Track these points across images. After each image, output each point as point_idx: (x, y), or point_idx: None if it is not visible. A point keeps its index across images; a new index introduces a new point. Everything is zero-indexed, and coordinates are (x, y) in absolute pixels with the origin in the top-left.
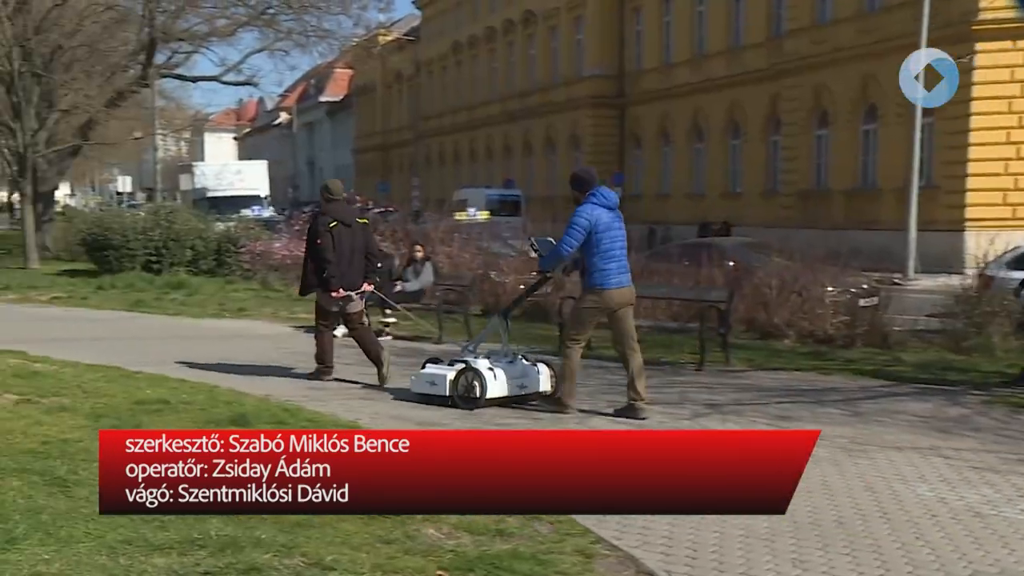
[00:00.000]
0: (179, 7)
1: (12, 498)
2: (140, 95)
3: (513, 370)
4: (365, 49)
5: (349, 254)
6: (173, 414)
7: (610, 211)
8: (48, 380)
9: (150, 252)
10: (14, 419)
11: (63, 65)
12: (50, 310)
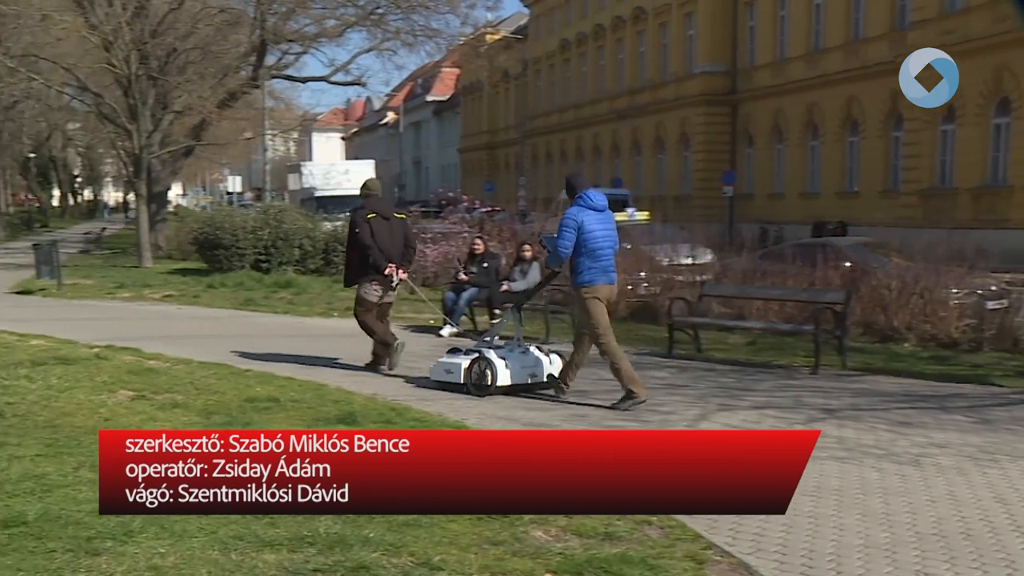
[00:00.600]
0: (290, 9)
1: None
2: (250, 96)
3: (525, 360)
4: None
5: (387, 243)
6: (282, 412)
7: (597, 212)
8: (161, 377)
9: (259, 251)
10: (129, 415)
11: (177, 68)
12: (163, 308)
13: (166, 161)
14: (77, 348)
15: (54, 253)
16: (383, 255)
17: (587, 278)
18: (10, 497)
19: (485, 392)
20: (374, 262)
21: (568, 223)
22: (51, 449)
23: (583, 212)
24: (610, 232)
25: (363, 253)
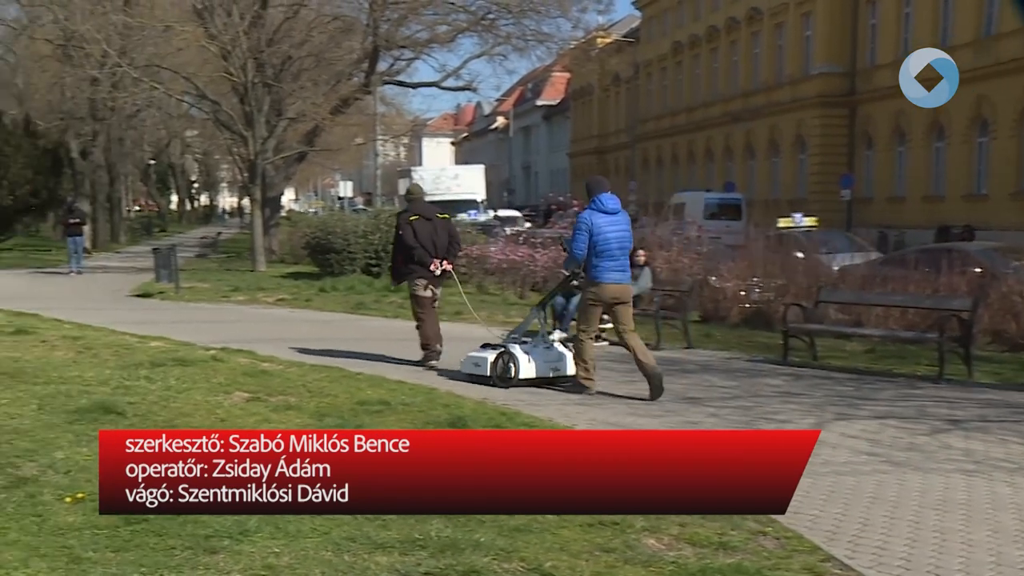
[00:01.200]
0: (402, 16)
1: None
2: (362, 102)
3: (548, 355)
4: (583, 52)
5: (430, 242)
6: (393, 415)
7: (608, 215)
8: (275, 379)
9: (370, 255)
10: (245, 416)
11: (291, 75)
12: (276, 311)
13: (280, 167)
14: (194, 350)
15: (172, 257)
16: (426, 252)
17: (595, 275)
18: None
19: (508, 384)
20: (419, 259)
21: (580, 225)
22: None
23: (595, 215)
24: (622, 233)
25: (408, 253)
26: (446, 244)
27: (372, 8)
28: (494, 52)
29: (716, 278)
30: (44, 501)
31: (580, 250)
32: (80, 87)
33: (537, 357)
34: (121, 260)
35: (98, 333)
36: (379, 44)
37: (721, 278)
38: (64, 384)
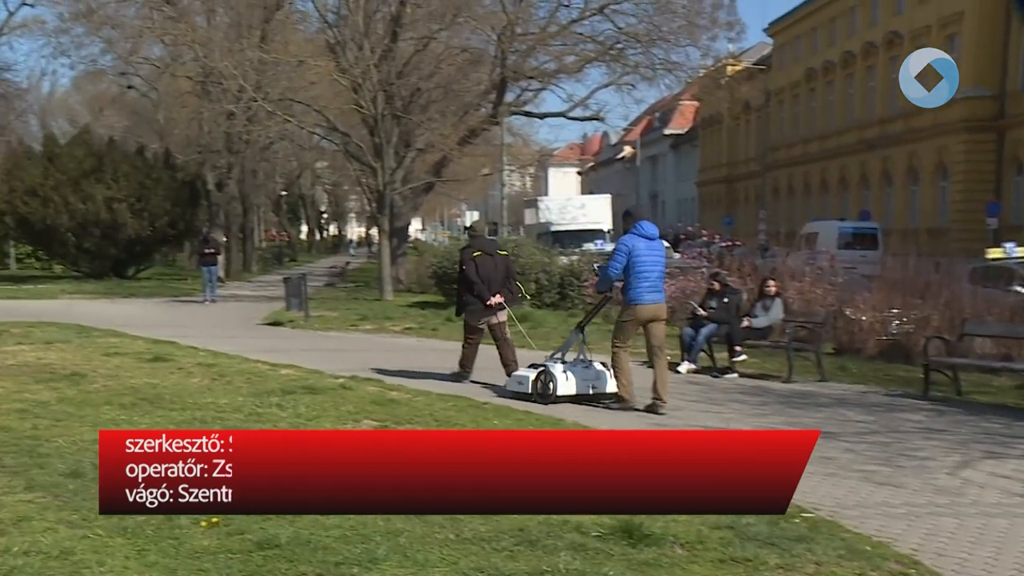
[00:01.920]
0: (530, 47)
1: (373, 520)
2: (490, 132)
3: (586, 374)
4: (713, 80)
5: (491, 276)
6: None
7: (648, 240)
8: (402, 408)
9: None
10: None
11: (420, 107)
12: (403, 340)
13: (407, 197)
14: (323, 378)
15: (302, 286)
16: (486, 287)
17: (632, 296)
18: (264, 520)
19: (547, 400)
20: (478, 293)
21: (620, 248)
22: None
23: (635, 239)
24: (658, 258)
25: (470, 287)
26: (502, 279)
27: (500, 40)
28: (622, 82)
29: (851, 309)
30: (180, 525)
31: (615, 271)
32: (217, 121)
33: (576, 375)
34: (253, 289)
35: (231, 361)
36: (507, 75)
37: (857, 309)
38: (199, 410)
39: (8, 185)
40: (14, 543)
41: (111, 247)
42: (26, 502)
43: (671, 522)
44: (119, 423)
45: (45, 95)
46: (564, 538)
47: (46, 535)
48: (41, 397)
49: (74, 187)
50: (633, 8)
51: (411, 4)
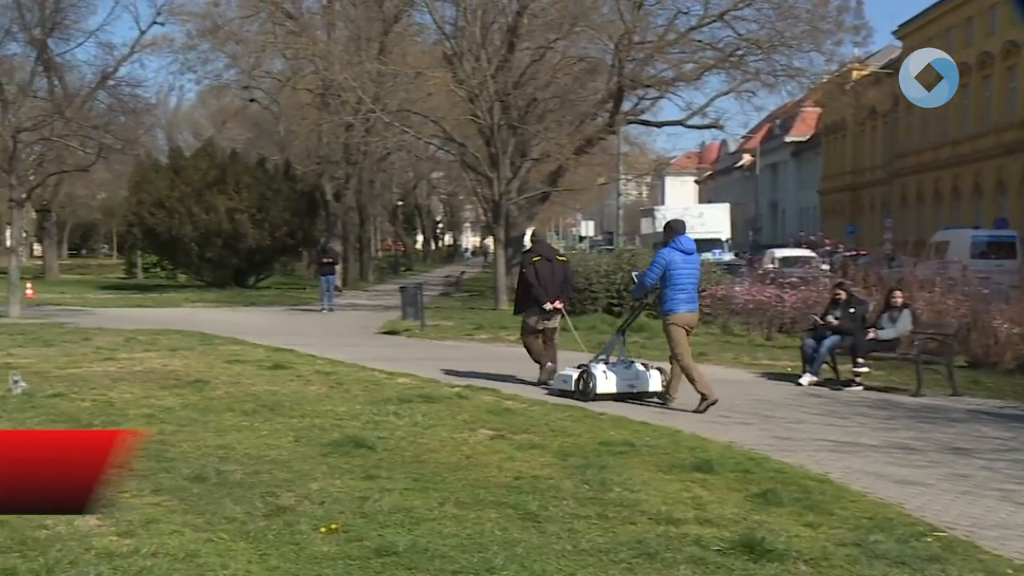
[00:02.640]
0: (648, 55)
1: (490, 529)
2: (606, 141)
3: (626, 373)
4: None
5: (549, 280)
6: (637, 456)
7: (684, 254)
8: (518, 417)
9: (612, 295)
10: (489, 453)
11: (536, 116)
12: (518, 350)
13: (523, 207)
14: (439, 387)
15: (418, 296)
16: (543, 291)
17: (670, 307)
18: (382, 527)
19: (588, 398)
20: (536, 295)
21: (658, 260)
22: (418, 484)
23: (672, 252)
24: (694, 271)
25: (528, 289)
26: (560, 284)
27: (618, 49)
28: (742, 89)
29: (987, 321)
30: (301, 530)
31: (651, 280)
32: (336, 133)
33: (616, 375)
34: (369, 298)
35: (349, 369)
36: (624, 84)
37: (993, 320)
38: (318, 418)
39: (136, 197)
40: (143, 544)
41: (232, 257)
42: (153, 505)
43: (794, 538)
44: (241, 429)
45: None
46: (683, 551)
47: (172, 537)
48: (166, 403)
49: (198, 198)
50: (754, 14)
51: (528, 14)
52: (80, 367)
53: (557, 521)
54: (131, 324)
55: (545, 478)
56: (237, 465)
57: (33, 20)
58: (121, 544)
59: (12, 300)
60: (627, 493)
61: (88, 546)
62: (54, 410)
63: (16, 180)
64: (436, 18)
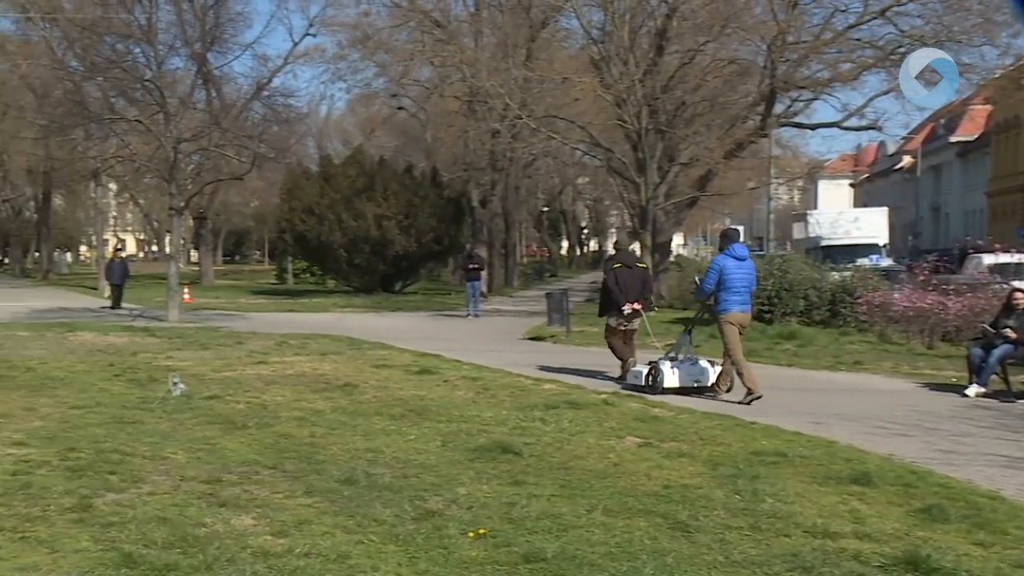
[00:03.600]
0: (802, 56)
1: (639, 538)
2: (757, 145)
3: (692, 370)
4: (1012, 81)
5: (628, 286)
6: (790, 467)
7: (738, 261)
8: (666, 425)
9: (762, 301)
10: (637, 461)
11: (685, 120)
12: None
13: (670, 212)
14: (585, 393)
15: (564, 302)
16: (623, 295)
17: (724, 307)
18: (530, 533)
19: (656, 391)
20: (615, 299)
21: (713, 267)
22: (565, 490)
23: (726, 259)
24: (747, 275)
25: (609, 294)
26: (639, 289)
27: (771, 50)
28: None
29: None
30: (449, 535)
31: (708, 286)
32: (482, 139)
33: (682, 371)
34: (514, 304)
35: (495, 375)
36: (776, 86)
37: None
38: (465, 423)
39: (288, 204)
40: (296, 544)
41: (380, 263)
42: (306, 506)
43: (963, 557)
44: (389, 433)
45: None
46: (841, 566)
47: (324, 538)
48: (317, 406)
49: (347, 205)
50: (919, 9)
51: (678, 17)
52: (234, 370)
53: (708, 531)
54: (282, 328)
55: (695, 487)
56: (386, 469)
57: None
58: (275, 543)
59: (171, 305)
60: (780, 505)
61: (244, 545)
62: (210, 412)
63: (176, 189)
64: (583, 23)
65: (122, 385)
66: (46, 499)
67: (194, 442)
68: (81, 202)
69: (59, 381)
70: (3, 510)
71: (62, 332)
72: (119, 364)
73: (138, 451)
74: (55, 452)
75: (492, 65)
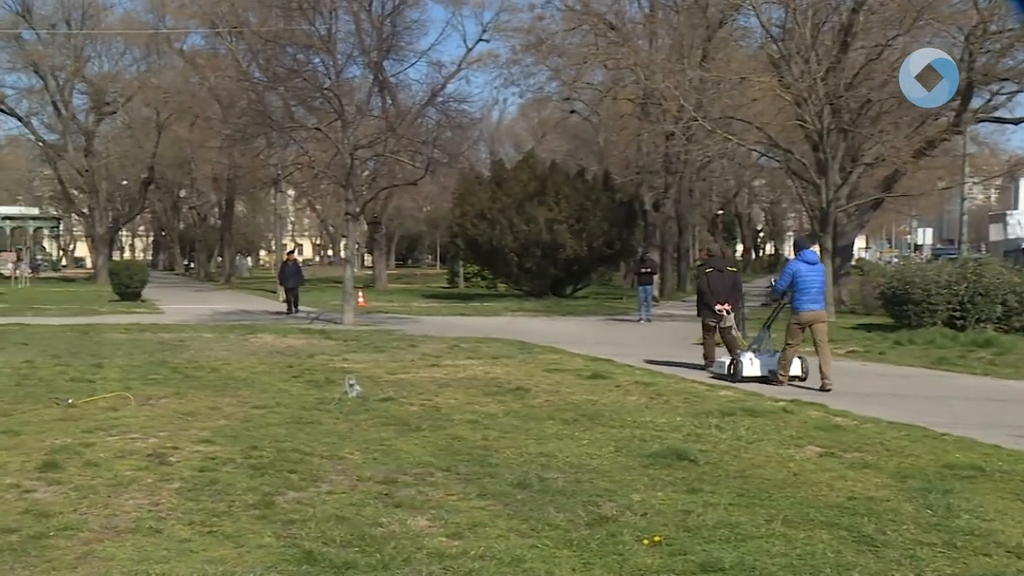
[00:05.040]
0: (1006, 45)
1: (822, 551)
2: (949, 143)
3: (770, 360)
4: None
5: (719, 288)
6: (988, 482)
7: (808, 265)
8: (849, 435)
9: (953, 307)
10: (818, 471)
11: (870, 119)
12: (847, 364)
13: (852, 215)
14: (762, 401)
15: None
16: (714, 297)
17: (796, 306)
18: (707, 543)
19: (736, 379)
20: (707, 301)
21: (787, 270)
22: (743, 499)
23: (799, 264)
24: (817, 278)
25: (702, 295)
26: (729, 290)
27: (968, 41)
28: None
29: None
30: (624, 541)
31: (781, 286)
32: (655, 142)
33: (760, 361)
34: (687, 308)
35: (668, 380)
36: (974, 79)
37: None
38: (638, 428)
39: (460, 209)
40: (470, 547)
41: (551, 266)
42: (479, 508)
43: None
44: (562, 437)
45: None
46: None
47: (498, 541)
48: (489, 409)
49: (518, 209)
50: None
51: (865, 11)
52: (408, 372)
53: (897, 547)
54: (454, 332)
55: (881, 500)
56: (559, 473)
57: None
58: (450, 545)
59: (346, 308)
60: (978, 522)
61: (420, 545)
62: (385, 414)
63: (352, 195)
64: (763, 21)
65: (300, 386)
66: (231, 495)
67: (370, 443)
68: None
69: (241, 381)
70: (192, 505)
71: (243, 334)
72: (297, 366)
73: (316, 451)
74: (239, 450)
75: (667, 66)
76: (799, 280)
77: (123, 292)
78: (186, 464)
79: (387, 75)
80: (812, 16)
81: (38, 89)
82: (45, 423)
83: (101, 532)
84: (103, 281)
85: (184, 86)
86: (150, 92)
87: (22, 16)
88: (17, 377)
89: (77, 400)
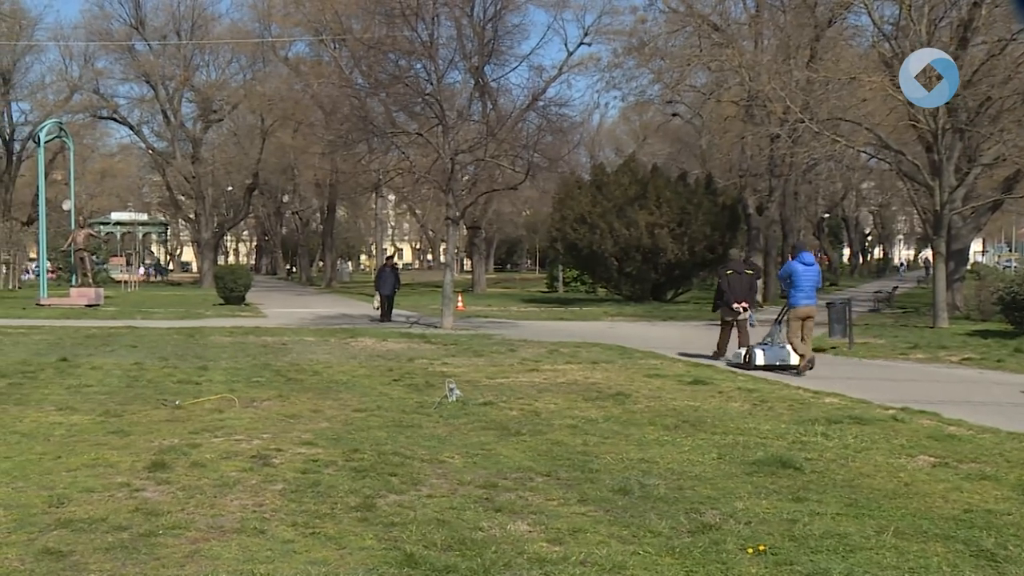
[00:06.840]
0: None
1: (937, 564)
2: None
3: (779, 352)
4: None
5: (737, 288)
6: None
7: (805, 265)
8: (964, 444)
9: None
10: (932, 482)
11: (989, 117)
12: (961, 371)
13: (968, 217)
14: (871, 408)
15: (847, 312)
16: (733, 296)
17: (792, 302)
18: (814, 553)
19: (749, 368)
20: (726, 300)
21: (784, 270)
22: (851, 509)
23: (795, 265)
24: (812, 277)
25: (721, 295)
26: (746, 290)
27: None
28: None
29: None
30: (727, 549)
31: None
32: (760, 145)
33: (770, 352)
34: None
35: (771, 386)
36: None
37: None
38: (741, 435)
39: (560, 213)
40: (571, 552)
41: (651, 271)
42: (580, 514)
43: None
44: (663, 444)
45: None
46: None
47: (599, 547)
48: (589, 414)
49: (619, 213)
50: None
51: (986, 5)
52: (507, 377)
53: (1019, 562)
54: (553, 336)
55: (1001, 513)
56: (660, 479)
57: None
58: (551, 551)
59: (445, 312)
60: None
61: (521, 550)
62: (485, 418)
63: (452, 199)
64: (875, 18)
65: (401, 390)
66: (333, 497)
67: (470, 447)
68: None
69: (342, 385)
70: (295, 506)
71: (344, 338)
72: (397, 369)
73: (417, 454)
74: (340, 453)
75: (772, 67)
76: (796, 278)
77: (228, 296)
78: (289, 466)
79: (488, 80)
80: (928, 12)
81: (149, 98)
82: (153, 424)
83: (207, 532)
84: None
85: (288, 93)
86: (255, 99)
87: (135, 28)
88: (127, 379)
89: (184, 402)
